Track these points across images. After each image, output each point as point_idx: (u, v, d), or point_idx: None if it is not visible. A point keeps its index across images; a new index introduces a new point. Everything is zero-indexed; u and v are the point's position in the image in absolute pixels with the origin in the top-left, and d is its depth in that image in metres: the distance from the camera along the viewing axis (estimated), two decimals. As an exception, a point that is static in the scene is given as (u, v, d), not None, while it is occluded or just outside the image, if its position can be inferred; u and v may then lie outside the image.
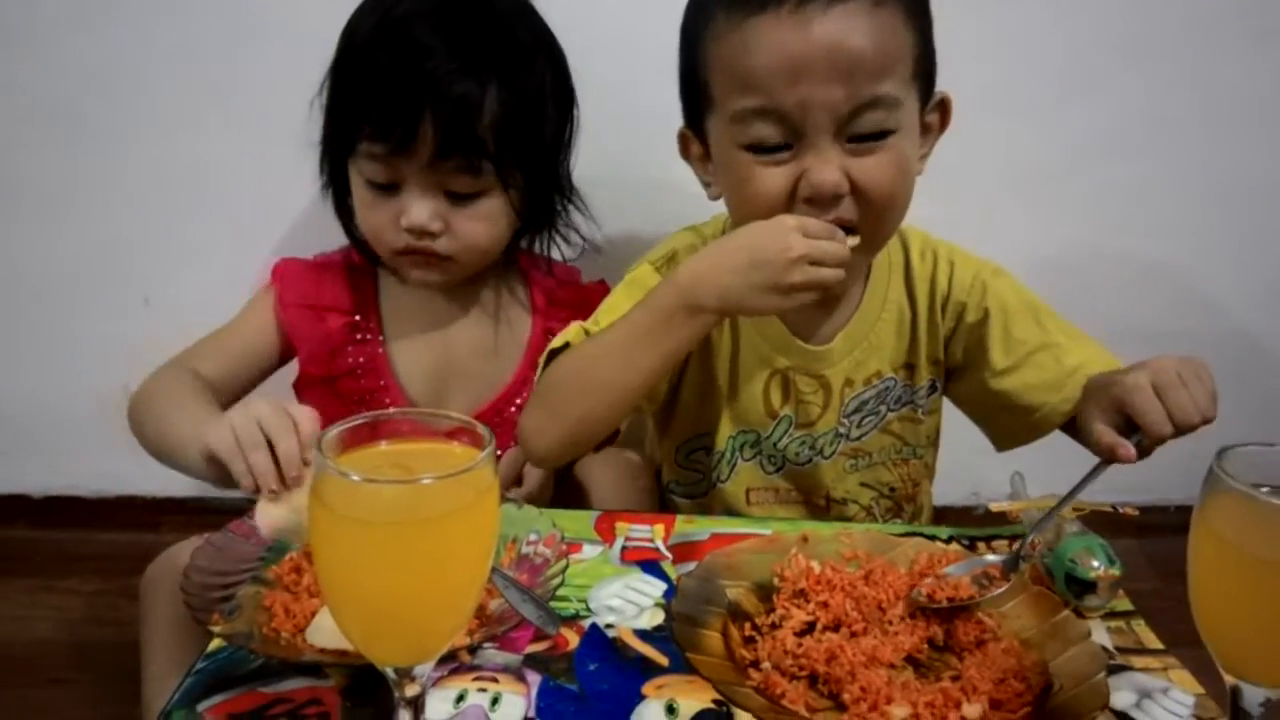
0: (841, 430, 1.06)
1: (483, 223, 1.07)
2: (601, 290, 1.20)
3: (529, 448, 0.96)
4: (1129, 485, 0.91)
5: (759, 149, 0.88)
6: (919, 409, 1.08)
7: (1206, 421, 0.81)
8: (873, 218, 0.90)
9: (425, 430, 0.58)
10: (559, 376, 0.94)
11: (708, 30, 0.90)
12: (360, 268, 1.18)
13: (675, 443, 1.10)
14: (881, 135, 0.87)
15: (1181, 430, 0.80)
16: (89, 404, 1.60)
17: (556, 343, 0.97)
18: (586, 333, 0.97)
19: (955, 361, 1.06)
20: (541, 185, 1.12)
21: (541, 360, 0.98)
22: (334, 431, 0.55)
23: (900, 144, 0.88)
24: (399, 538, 0.52)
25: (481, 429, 0.56)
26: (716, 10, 0.89)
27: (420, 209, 1.04)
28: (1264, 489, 0.54)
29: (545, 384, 0.96)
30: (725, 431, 1.06)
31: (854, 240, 0.89)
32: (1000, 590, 0.78)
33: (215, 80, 1.41)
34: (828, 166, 0.86)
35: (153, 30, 1.40)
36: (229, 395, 1.11)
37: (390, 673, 0.57)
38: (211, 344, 1.14)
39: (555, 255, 1.23)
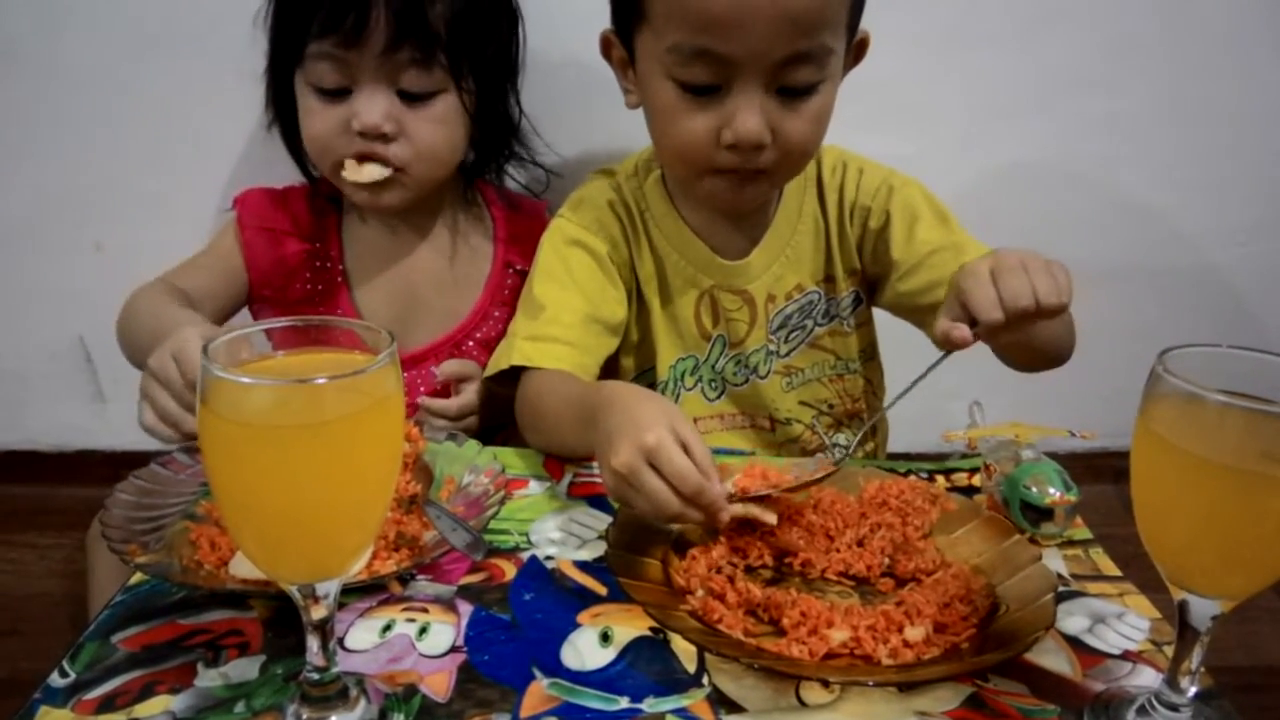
0: (771, 348, 1.07)
1: (438, 125, 1.03)
2: None
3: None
4: (1109, 430, 0.86)
5: (688, 87, 0.88)
6: (844, 322, 1.09)
7: (1044, 310, 0.75)
8: (787, 164, 0.93)
9: (325, 340, 0.55)
10: (536, 404, 0.93)
11: None
12: (323, 198, 1.15)
13: (627, 379, 1.08)
14: (809, 90, 0.88)
15: (1012, 316, 0.74)
16: (42, 355, 1.56)
17: (513, 360, 0.95)
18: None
19: (870, 269, 1.07)
20: (493, 98, 1.09)
21: (494, 362, 0.99)
22: (224, 339, 0.52)
23: (825, 94, 0.90)
24: (293, 442, 0.49)
25: (383, 332, 0.52)
26: None
27: (372, 109, 0.99)
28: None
29: (526, 401, 0.95)
30: (666, 359, 1.06)
31: None
32: (821, 476, 0.77)
33: (163, 17, 1.36)
34: (753, 116, 0.86)
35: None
36: (214, 314, 1.08)
37: (295, 593, 0.54)
38: (189, 264, 1.13)
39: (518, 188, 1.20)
